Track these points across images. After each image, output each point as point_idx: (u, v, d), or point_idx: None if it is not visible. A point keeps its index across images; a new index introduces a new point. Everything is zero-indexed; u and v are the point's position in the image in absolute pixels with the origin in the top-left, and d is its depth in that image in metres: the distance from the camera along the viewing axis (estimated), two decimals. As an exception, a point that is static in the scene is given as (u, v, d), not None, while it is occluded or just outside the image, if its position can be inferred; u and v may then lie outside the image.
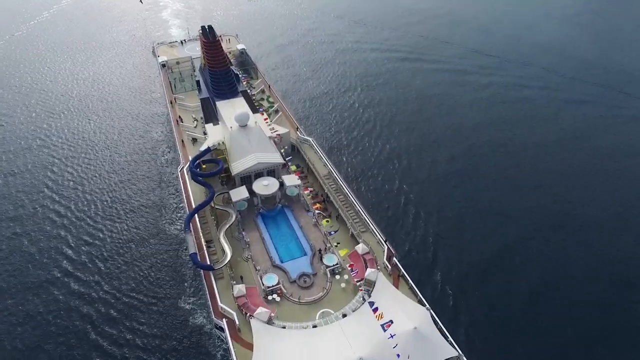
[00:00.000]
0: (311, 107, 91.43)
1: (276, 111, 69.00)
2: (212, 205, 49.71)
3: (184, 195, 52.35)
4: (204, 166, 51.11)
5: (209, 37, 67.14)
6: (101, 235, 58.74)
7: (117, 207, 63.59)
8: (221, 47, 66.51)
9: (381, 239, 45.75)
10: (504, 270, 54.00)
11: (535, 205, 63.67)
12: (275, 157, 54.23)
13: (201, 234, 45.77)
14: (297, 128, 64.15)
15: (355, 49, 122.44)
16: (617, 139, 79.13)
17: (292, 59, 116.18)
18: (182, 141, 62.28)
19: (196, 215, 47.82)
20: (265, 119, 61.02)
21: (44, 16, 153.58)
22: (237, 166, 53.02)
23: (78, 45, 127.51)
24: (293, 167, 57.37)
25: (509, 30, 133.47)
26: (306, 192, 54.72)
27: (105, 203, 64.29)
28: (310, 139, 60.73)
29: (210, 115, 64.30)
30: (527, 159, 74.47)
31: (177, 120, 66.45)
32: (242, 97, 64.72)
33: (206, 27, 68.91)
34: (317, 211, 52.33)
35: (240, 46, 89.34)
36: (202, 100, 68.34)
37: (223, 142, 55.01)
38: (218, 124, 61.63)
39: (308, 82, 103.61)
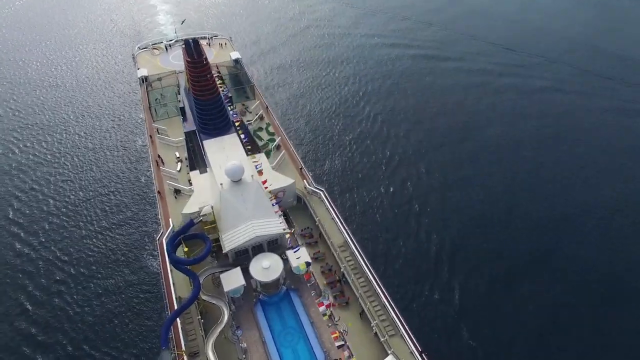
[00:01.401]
0: (320, 135, 78.49)
1: (278, 146, 56.70)
2: (198, 298, 38.71)
3: (163, 281, 40.98)
4: (186, 249, 39.57)
5: (193, 55, 52.53)
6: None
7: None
8: (209, 69, 52.68)
9: (416, 350, 35.04)
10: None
11: None
12: (277, 225, 42.80)
13: (184, 348, 34.86)
14: (303, 172, 52.21)
15: (370, 44, 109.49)
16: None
17: (295, 62, 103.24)
18: (160, 193, 50.35)
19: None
20: (261, 173, 46.85)
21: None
22: (230, 240, 41.58)
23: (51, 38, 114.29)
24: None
25: (537, 21, 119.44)
26: (315, 259, 43.86)
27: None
28: (321, 191, 48.97)
29: (197, 157, 52.14)
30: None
31: (157, 162, 54.33)
32: (236, 134, 52.20)
33: (190, 42, 54.01)
34: (330, 295, 41.41)
35: (234, 54, 75.79)
36: (187, 135, 55.90)
37: (211, 207, 43.25)
38: (206, 171, 49.77)
39: (314, 95, 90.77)
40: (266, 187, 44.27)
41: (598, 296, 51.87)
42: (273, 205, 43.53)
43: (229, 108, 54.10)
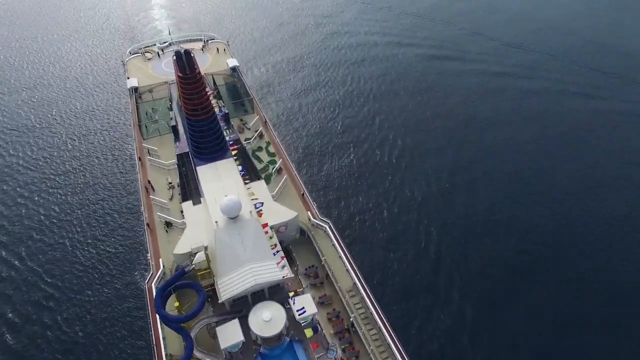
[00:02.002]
0: (326, 155, 71.69)
1: (279, 170, 52.12)
2: (192, 356, 34.56)
3: (152, 336, 36.70)
4: (176, 304, 35.26)
5: (185, 69, 46.19)
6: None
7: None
8: (203, 85, 47.44)
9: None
10: None
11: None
12: (280, 271, 38.46)
13: None
14: (307, 199, 47.64)
15: (382, 43, 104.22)
16: None
17: (296, 66, 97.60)
18: (149, 225, 45.71)
19: None
20: (261, 214, 41.30)
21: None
22: (227, 287, 37.21)
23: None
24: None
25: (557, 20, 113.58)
26: (321, 304, 39.64)
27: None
28: (326, 224, 44.51)
29: (189, 184, 47.52)
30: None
31: (147, 188, 49.74)
32: (232, 159, 47.42)
33: (182, 53, 46.73)
34: (338, 347, 37.28)
35: (231, 62, 70.63)
36: (180, 158, 51.19)
37: (205, 250, 38.81)
38: (200, 201, 45.24)
39: (319, 107, 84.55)
40: (266, 231, 39.64)
41: (606, 304, 49.57)
42: (274, 254, 39.00)
43: (225, 132, 49.11)
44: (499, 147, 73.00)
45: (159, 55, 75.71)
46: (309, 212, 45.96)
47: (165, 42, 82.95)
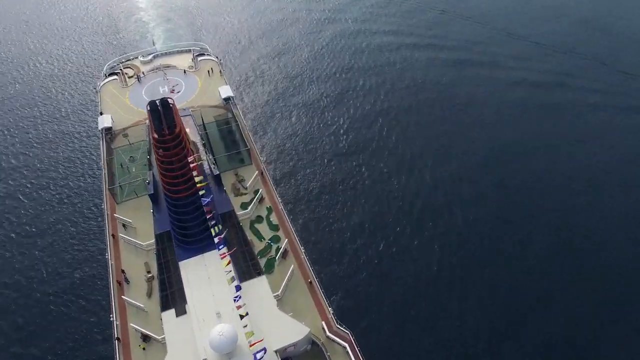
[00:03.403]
0: (339, 228, 56.08)
1: (285, 252, 41.62)
2: None
3: None
4: None
5: (162, 129, 34.12)
6: None
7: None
8: (187, 150, 36.75)
9: None
10: None
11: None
12: None
13: None
14: (321, 301, 37.57)
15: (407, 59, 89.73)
16: None
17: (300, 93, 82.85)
18: (120, 340, 35.76)
19: None
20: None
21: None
22: None
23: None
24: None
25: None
26: None
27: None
28: (346, 342, 34.68)
29: (171, 283, 37.36)
30: None
31: (119, 283, 39.67)
32: (225, 249, 37.15)
33: (157, 105, 34.09)
34: None
35: (224, 91, 58.87)
36: (159, 240, 40.61)
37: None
38: (185, 310, 35.39)
39: (331, 154, 67.82)
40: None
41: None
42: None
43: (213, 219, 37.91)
44: (549, 180, 62.02)
45: (139, 79, 64.16)
46: (324, 323, 36.25)
47: (149, 55, 71.63)
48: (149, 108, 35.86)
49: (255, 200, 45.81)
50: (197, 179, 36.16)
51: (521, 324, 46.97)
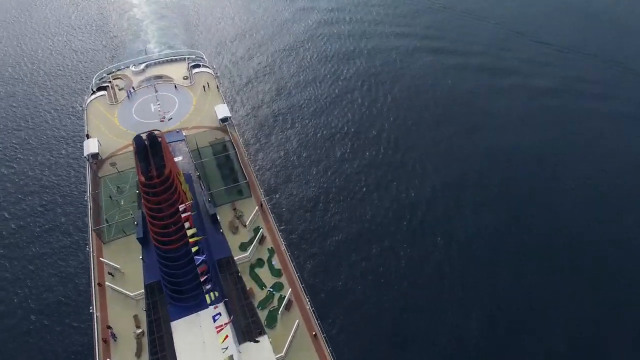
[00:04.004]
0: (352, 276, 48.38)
1: (288, 304, 37.51)
2: None
3: None
4: None
5: (151, 169, 29.71)
6: None
7: None
8: (177, 193, 32.43)
9: None
10: None
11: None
12: None
13: None
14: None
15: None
16: None
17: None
18: None
19: None
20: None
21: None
22: None
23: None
24: None
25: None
26: None
27: None
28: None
29: (162, 345, 33.41)
30: None
31: (105, 341, 35.56)
32: (220, 306, 33.19)
33: (144, 140, 29.54)
34: None
35: (221, 110, 54.39)
36: (149, 292, 36.33)
37: None
38: (178, 377, 31.53)
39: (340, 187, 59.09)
40: None
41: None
42: None
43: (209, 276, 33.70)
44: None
45: (128, 95, 59.60)
46: (334, 386, 32.50)
47: (141, 64, 67.26)
48: (134, 144, 31.55)
49: (255, 240, 41.67)
50: (189, 232, 32.11)
51: (524, 331, 44.92)
